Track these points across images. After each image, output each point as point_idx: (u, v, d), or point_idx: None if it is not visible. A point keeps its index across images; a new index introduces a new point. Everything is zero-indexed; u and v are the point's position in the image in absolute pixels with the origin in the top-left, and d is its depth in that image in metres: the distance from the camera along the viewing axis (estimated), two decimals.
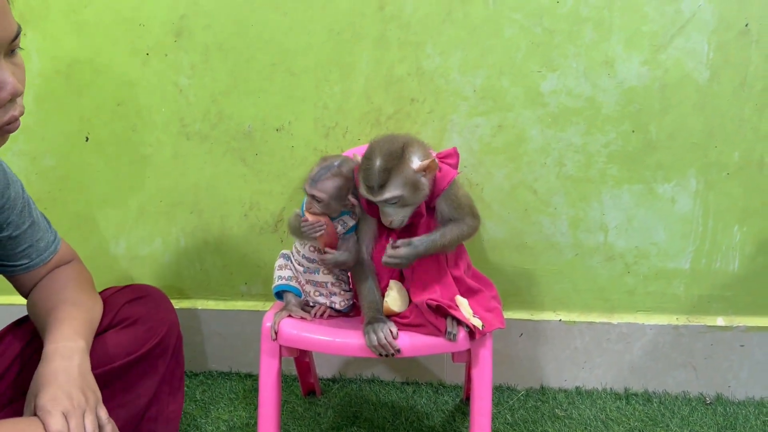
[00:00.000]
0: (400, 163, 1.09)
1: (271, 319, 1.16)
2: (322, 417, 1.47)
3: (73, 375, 0.95)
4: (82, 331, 1.02)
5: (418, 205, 1.17)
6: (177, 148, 1.56)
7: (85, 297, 1.11)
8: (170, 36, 1.49)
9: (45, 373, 0.94)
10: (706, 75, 1.40)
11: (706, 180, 1.46)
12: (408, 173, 1.09)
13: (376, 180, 1.09)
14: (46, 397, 0.90)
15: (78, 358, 0.97)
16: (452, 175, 1.18)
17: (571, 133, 1.45)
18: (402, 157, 1.09)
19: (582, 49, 1.41)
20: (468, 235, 1.21)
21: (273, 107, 1.51)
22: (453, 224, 1.19)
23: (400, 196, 1.10)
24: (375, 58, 1.45)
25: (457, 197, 1.19)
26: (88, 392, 0.95)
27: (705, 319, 1.52)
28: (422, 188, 1.13)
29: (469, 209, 1.21)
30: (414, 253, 1.13)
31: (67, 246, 1.21)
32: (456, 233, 1.18)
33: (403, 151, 1.10)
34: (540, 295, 1.56)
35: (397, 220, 1.13)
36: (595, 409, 1.49)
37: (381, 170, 1.09)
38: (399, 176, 1.09)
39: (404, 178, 1.09)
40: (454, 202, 1.19)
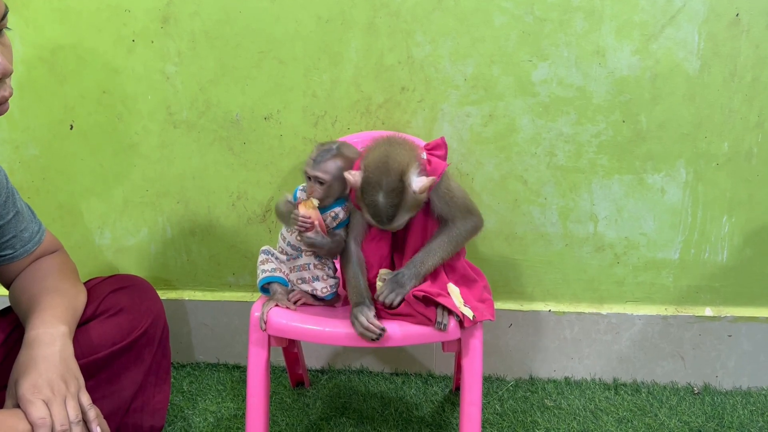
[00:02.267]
0: (404, 195, 1.10)
1: (260, 310, 1.14)
2: (310, 408, 1.46)
3: (54, 362, 0.93)
4: (63, 317, 1.01)
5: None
6: (163, 137, 1.54)
7: (67, 285, 1.10)
8: (157, 23, 1.47)
9: (25, 361, 0.92)
10: (696, 65, 1.40)
11: (696, 170, 1.46)
12: (411, 200, 1.11)
13: (385, 215, 1.11)
14: (26, 386, 0.89)
15: (59, 343, 0.96)
16: (442, 168, 1.16)
17: (562, 122, 1.44)
18: (404, 188, 1.10)
19: (573, 39, 1.40)
20: (464, 238, 1.18)
21: (261, 96, 1.49)
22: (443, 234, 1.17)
23: (408, 219, 1.14)
24: (365, 47, 1.44)
25: (449, 190, 1.18)
26: (69, 378, 0.93)
27: (693, 310, 1.53)
28: (420, 201, 1.14)
29: (464, 206, 1.19)
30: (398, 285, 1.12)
31: (52, 236, 1.19)
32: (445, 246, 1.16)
33: (403, 181, 1.10)
34: (530, 286, 1.56)
35: (396, 225, 1.14)
36: (584, 399, 1.49)
37: (387, 207, 1.10)
38: (405, 207, 1.11)
39: (409, 206, 1.12)
40: (446, 195, 1.17)
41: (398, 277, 1.13)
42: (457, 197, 1.18)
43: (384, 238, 1.20)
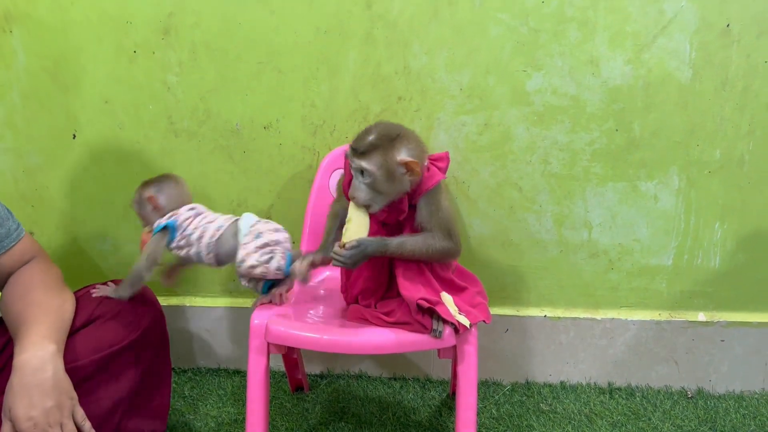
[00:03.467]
0: (389, 147, 1.12)
1: (259, 317, 1.17)
2: (310, 412, 1.49)
3: (47, 389, 0.97)
4: (51, 335, 1.03)
5: (394, 199, 1.17)
6: (165, 146, 1.56)
7: (51, 296, 1.12)
8: (158, 34, 1.49)
9: (18, 389, 0.96)
10: (688, 74, 1.42)
11: (688, 177, 1.48)
12: (390, 159, 1.12)
13: (362, 146, 1.12)
14: (23, 418, 0.94)
15: (50, 367, 0.99)
16: (438, 178, 1.18)
17: (556, 131, 1.47)
18: (393, 142, 1.13)
19: (567, 49, 1.42)
20: (436, 254, 1.18)
21: (261, 105, 1.51)
22: (421, 236, 1.18)
23: (372, 173, 1.12)
24: (362, 57, 1.46)
25: (437, 203, 1.18)
26: (64, 401, 0.99)
27: (687, 315, 1.55)
28: (397, 181, 1.13)
29: (446, 226, 1.18)
30: (361, 255, 1.13)
31: (33, 240, 1.20)
32: (418, 247, 1.16)
33: (397, 138, 1.13)
34: (525, 292, 1.58)
35: (360, 198, 1.14)
36: (579, 403, 1.51)
37: (370, 141, 1.12)
38: (380, 155, 1.12)
39: (383, 160, 1.12)
40: (433, 207, 1.18)
41: (363, 247, 1.13)
42: (442, 214, 1.19)
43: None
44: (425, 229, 1.19)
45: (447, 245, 1.18)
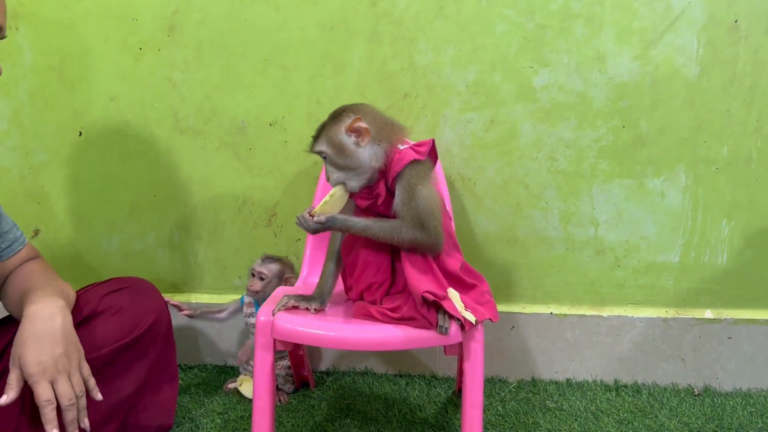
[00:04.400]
0: (333, 123, 1.16)
1: (266, 314, 1.16)
2: (315, 409, 1.49)
3: (57, 337, 0.98)
4: (60, 295, 1.05)
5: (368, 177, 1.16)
6: (170, 143, 1.57)
7: (55, 278, 1.15)
8: (163, 31, 1.49)
9: (29, 336, 0.97)
10: (695, 71, 1.42)
11: (695, 174, 1.47)
12: (335, 133, 1.15)
13: (315, 133, 1.18)
14: (32, 363, 0.94)
15: (60, 318, 1.00)
16: (409, 158, 1.14)
17: (563, 128, 1.46)
18: (338, 117, 1.16)
19: (573, 45, 1.42)
20: (405, 243, 1.14)
21: (266, 102, 1.51)
22: (389, 223, 1.15)
23: (325, 152, 1.16)
24: (368, 54, 1.46)
25: (411, 189, 1.13)
26: (72, 352, 0.99)
27: (693, 312, 1.55)
28: (352, 153, 1.14)
29: (418, 215, 1.13)
30: (323, 229, 1.15)
31: (32, 246, 1.23)
32: (384, 233, 1.14)
33: (343, 113, 1.16)
34: (531, 289, 1.58)
35: (332, 179, 1.17)
36: (586, 400, 1.51)
37: (320, 126, 1.18)
38: (325, 133, 1.16)
39: (329, 137, 1.15)
40: (406, 193, 1.13)
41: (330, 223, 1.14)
42: (417, 203, 1.13)
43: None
44: (398, 216, 1.15)
45: (418, 236, 1.14)
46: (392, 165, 1.15)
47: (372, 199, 1.19)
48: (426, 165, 1.17)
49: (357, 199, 1.20)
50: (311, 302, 1.20)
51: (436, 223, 1.14)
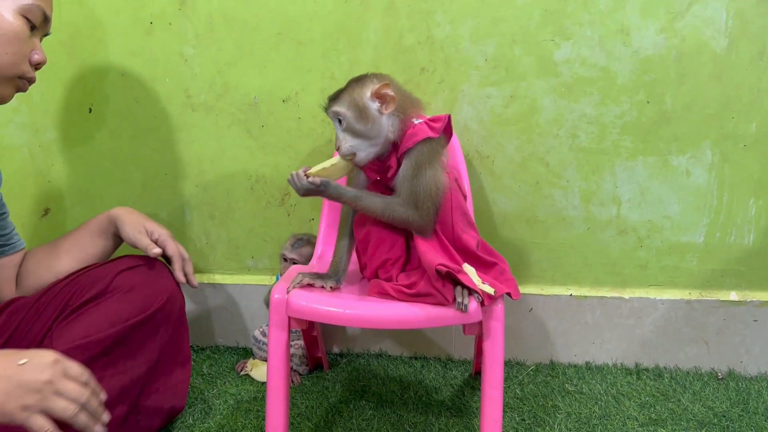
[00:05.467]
0: (356, 86, 1.12)
1: (280, 292, 1.14)
2: (330, 391, 1.46)
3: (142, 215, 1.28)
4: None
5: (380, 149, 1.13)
6: (182, 120, 1.54)
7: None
8: (174, 5, 1.46)
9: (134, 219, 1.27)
10: (723, 44, 1.36)
11: (722, 152, 1.43)
12: (359, 96, 1.11)
13: (333, 94, 1.14)
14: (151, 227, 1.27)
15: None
16: (423, 135, 1.11)
17: (585, 103, 1.42)
18: (361, 81, 1.13)
19: (596, 17, 1.37)
20: (396, 221, 1.12)
21: (279, 78, 1.48)
22: (383, 198, 1.12)
23: (344, 114, 1.11)
24: (384, 27, 1.42)
25: (417, 166, 1.10)
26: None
27: (718, 294, 1.50)
28: (373, 119, 1.10)
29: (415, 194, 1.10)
30: (315, 192, 1.11)
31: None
32: (376, 206, 1.12)
33: (366, 78, 1.13)
34: (551, 270, 1.54)
35: (344, 147, 1.12)
36: (606, 384, 1.47)
37: (340, 88, 1.14)
38: (348, 95, 1.12)
39: (352, 99, 1.11)
40: (410, 170, 1.11)
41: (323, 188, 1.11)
42: (418, 181, 1.10)
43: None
44: (396, 190, 1.12)
45: (409, 215, 1.11)
46: (405, 139, 1.12)
47: (383, 172, 1.16)
48: (438, 143, 1.14)
49: (367, 171, 1.18)
50: (326, 280, 1.17)
51: (430, 206, 1.11)
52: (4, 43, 1.02)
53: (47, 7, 1.08)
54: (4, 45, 1.02)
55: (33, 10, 1.05)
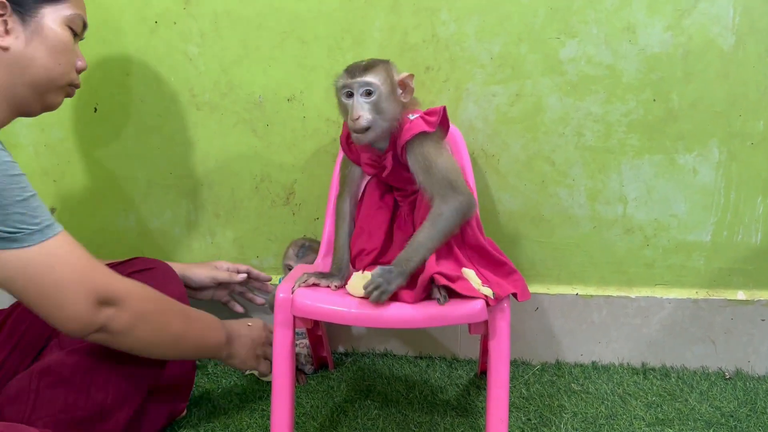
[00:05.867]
0: (386, 64, 1.15)
1: (285, 291, 1.13)
2: (335, 390, 1.46)
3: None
4: None
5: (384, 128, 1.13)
6: (186, 119, 1.53)
7: None
8: (179, 3, 1.46)
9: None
10: (731, 41, 1.35)
11: (729, 150, 1.42)
12: (391, 73, 1.13)
13: (362, 65, 1.13)
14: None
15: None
16: (418, 129, 1.11)
17: (591, 101, 1.41)
18: (388, 62, 1.16)
19: (602, 15, 1.36)
20: (455, 220, 1.09)
21: (284, 76, 1.47)
22: (428, 222, 1.09)
23: (378, 87, 1.11)
24: (389, 25, 1.41)
25: (427, 157, 1.11)
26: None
27: (725, 293, 1.49)
28: (396, 102, 1.13)
29: (446, 179, 1.09)
30: (389, 292, 1.05)
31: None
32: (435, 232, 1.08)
33: (387, 61, 1.16)
34: (556, 269, 1.53)
35: (364, 118, 1.10)
36: (612, 383, 1.47)
37: (370, 60, 1.15)
38: (382, 68, 1.13)
39: (386, 73, 1.13)
40: (421, 163, 1.11)
41: (386, 274, 1.05)
42: (437, 167, 1.10)
43: (383, 207, 1.22)
44: (427, 191, 1.12)
45: (454, 203, 1.09)
46: (402, 133, 1.13)
47: (379, 168, 1.17)
48: (436, 135, 1.14)
49: (364, 166, 1.20)
50: (331, 279, 1.17)
51: (462, 180, 1.12)
52: (56, 54, 1.06)
53: (85, 15, 1.13)
54: (56, 56, 1.06)
55: (75, 20, 1.09)
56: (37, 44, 1.04)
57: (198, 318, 1.18)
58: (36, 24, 1.04)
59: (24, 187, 0.93)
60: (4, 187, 0.90)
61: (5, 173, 0.91)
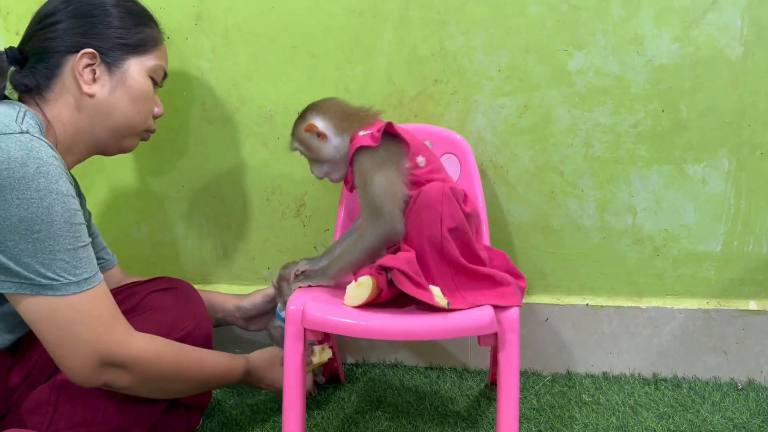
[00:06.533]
0: (299, 122, 1.25)
1: (296, 303, 1.14)
2: (346, 401, 1.47)
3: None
4: None
5: (340, 163, 1.24)
6: (198, 133, 1.56)
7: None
8: (191, 20, 1.48)
9: None
10: (739, 51, 1.36)
11: (739, 160, 1.41)
12: (298, 131, 1.25)
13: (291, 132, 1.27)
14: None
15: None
16: (357, 144, 1.18)
17: (599, 112, 1.42)
18: (304, 115, 1.25)
19: (610, 27, 1.37)
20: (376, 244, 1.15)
21: (294, 90, 1.49)
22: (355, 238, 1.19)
23: (297, 149, 1.26)
24: (397, 39, 1.43)
25: (363, 175, 1.16)
26: None
27: (737, 303, 1.49)
28: (315, 147, 1.23)
29: (372, 202, 1.14)
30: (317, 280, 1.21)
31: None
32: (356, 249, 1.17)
33: (308, 111, 1.25)
34: (566, 279, 1.54)
35: (316, 173, 1.27)
36: (623, 394, 1.46)
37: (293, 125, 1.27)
38: (295, 133, 1.26)
39: (296, 135, 1.26)
40: (358, 180, 1.18)
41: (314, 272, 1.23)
42: (370, 187, 1.15)
43: None
44: (361, 206, 1.19)
45: (377, 229, 1.14)
46: (350, 151, 1.20)
47: (348, 184, 1.25)
48: (381, 150, 1.18)
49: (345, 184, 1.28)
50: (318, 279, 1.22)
51: (390, 207, 1.14)
52: (137, 102, 1.13)
53: (166, 65, 1.20)
54: (137, 104, 1.13)
55: (158, 71, 1.17)
56: (121, 93, 1.11)
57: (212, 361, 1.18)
58: (121, 74, 1.10)
59: (78, 237, 0.95)
60: (62, 234, 0.92)
61: (68, 220, 0.93)
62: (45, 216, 0.91)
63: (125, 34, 1.11)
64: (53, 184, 0.92)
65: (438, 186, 1.14)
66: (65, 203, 0.93)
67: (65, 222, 0.93)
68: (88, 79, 1.08)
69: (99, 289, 0.98)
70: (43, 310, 0.94)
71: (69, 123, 1.09)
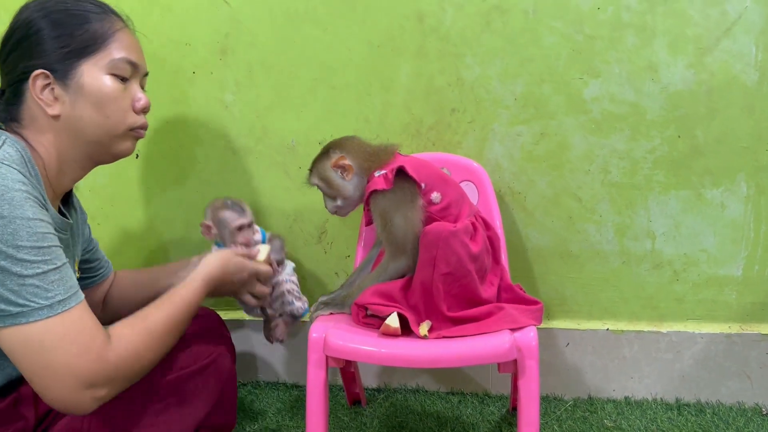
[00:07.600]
0: (323, 158, 1.28)
1: (318, 330, 1.17)
2: (367, 427, 1.48)
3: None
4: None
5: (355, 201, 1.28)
6: (222, 163, 1.60)
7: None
8: (215, 55, 1.53)
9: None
10: (754, 77, 1.37)
11: (757, 184, 1.42)
12: (323, 168, 1.27)
13: (310, 167, 1.31)
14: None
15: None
16: (373, 188, 1.21)
17: (615, 139, 1.43)
18: (327, 152, 1.28)
19: (624, 55, 1.39)
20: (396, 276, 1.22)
21: (315, 121, 1.53)
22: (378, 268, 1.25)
23: (317, 185, 1.29)
24: (415, 70, 1.46)
25: (383, 214, 1.21)
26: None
27: (759, 327, 1.48)
28: (337, 184, 1.26)
29: (395, 241, 1.21)
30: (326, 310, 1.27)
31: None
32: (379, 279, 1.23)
33: (331, 148, 1.28)
34: (586, 305, 1.54)
35: (329, 207, 1.31)
36: (646, 419, 1.46)
37: (313, 160, 1.31)
38: (316, 168, 1.29)
39: (319, 172, 1.28)
40: (378, 219, 1.23)
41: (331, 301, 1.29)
42: (391, 226, 1.21)
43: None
44: (382, 242, 1.25)
45: (401, 263, 1.21)
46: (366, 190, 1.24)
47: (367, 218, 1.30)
48: (397, 191, 1.21)
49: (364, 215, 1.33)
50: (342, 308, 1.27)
51: (413, 246, 1.20)
52: (103, 107, 1.05)
53: (132, 53, 1.10)
54: (103, 109, 1.06)
55: (119, 65, 1.07)
56: (83, 104, 1.05)
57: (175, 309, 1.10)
58: (76, 84, 1.04)
59: (48, 260, 0.92)
60: (29, 259, 0.90)
61: (34, 245, 0.91)
62: (10, 242, 0.89)
63: (67, 40, 1.03)
64: (17, 210, 0.90)
65: (438, 228, 1.17)
66: (31, 227, 0.91)
67: (32, 247, 0.91)
68: (49, 100, 1.03)
69: (75, 311, 0.94)
70: (18, 338, 0.90)
71: (50, 146, 1.06)
